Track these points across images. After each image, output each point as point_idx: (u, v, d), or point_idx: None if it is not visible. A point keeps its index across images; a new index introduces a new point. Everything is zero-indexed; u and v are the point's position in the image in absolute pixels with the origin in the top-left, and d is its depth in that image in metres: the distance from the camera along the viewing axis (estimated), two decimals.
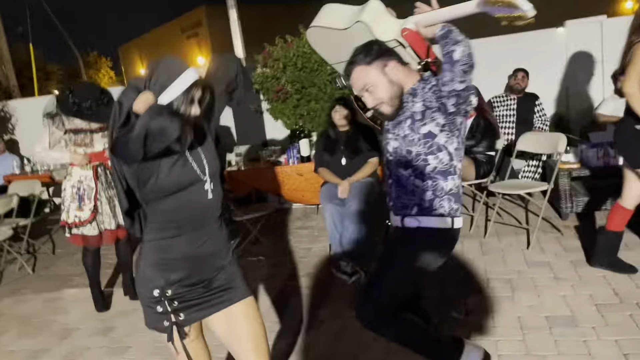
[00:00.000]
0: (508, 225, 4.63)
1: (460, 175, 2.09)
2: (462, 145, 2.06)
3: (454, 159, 2.05)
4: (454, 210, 2.07)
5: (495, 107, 5.60)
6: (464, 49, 1.84)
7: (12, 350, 3.48)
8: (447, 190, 2.05)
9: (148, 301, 1.81)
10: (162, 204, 1.77)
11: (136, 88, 1.74)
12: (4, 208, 4.96)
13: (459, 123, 2.00)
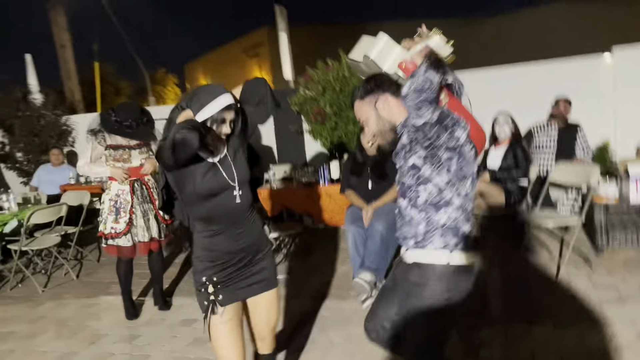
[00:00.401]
0: (539, 256, 4.50)
1: (462, 208, 1.95)
2: (459, 179, 1.95)
3: (446, 192, 1.95)
4: (450, 245, 1.96)
5: (535, 136, 5.49)
6: (411, 84, 1.84)
7: (44, 351, 3.71)
8: (440, 224, 1.95)
9: (198, 286, 2.26)
10: (200, 206, 2.20)
11: (181, 106, 2.17)
12: (53, 216, 5.30)
13: (444, 157, 1.91)
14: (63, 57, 9.66)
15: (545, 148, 5.41)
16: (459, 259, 1.96)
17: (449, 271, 1.96)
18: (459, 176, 1.93)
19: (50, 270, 5.62)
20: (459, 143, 1.89)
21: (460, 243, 1.96)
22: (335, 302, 4.01)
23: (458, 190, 1.95)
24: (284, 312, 3.89)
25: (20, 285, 5.29)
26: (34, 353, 3.69)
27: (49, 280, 5.39)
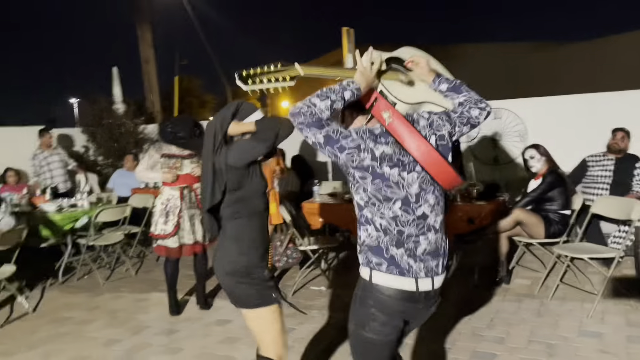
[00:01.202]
0: (580, 290, 4.38)
1: (387, 230, 1.86)
2: (380, 200, 1.86)
3: (365, 211, 1.90)
4: (372, 263, 1.90)
5: (589, 167, 5.34)
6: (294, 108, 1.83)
7: (93, 337, 4.11)
8: (361, 241, 1.95)
9: (262, 280, 2.48)
10: (257, 201, 2.53)
11: (225, 117, 2.51)
12: (119, 215, 5.80)
13: (357, 176, 1.87)
14: (147, 70, 10.47)
15: (599, 179, 5.25)
16: (382, 280, 1.89)
17: (373, 288, 1.91)
18: (379, 197, 1.86)
19: (113, 266, 6.13)
20: (364, 164, 1.83)
21: (386, 265, 1.88)
22: None
23: (380, 211, 1.87)
24: (313, 320, 4.06)
25: (86, 277, 5.82)
26: (83, 338, 4.10)
27: (111, 274, 5.89)
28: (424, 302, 1.95)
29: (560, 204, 4.48)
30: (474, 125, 1.97)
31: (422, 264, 1.90)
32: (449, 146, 1.92)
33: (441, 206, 1.97)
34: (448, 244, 2.01)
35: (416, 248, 1.89)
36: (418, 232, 1.90)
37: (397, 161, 1.86)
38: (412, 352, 3.45)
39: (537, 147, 4.68)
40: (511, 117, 6.30)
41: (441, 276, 1.98)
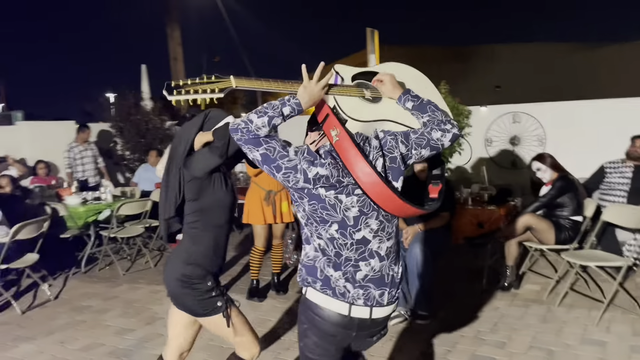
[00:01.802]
0: (589, 298, 4.34)
1: (324, 252, 1.81)
2: (317, 221, 1.80)
3: (305, 230, 1.86)
4: (307, 281, 1.85)
5: (607, 174, 5.26)
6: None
7: (108, 325, 4.28)
8: (301, 257, 1.91)
9: (209, 288, 2.45)
10: (220, 213, 2.47)
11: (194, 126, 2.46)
12: (139, 209, 5.99)
13: (296, 195, 1.81)
14: (175, 68, 10.72)
15: (617, 186, 5.17)
16: (315, 298, 1.83)
17: (307, 304, 1.86)
18: (315, 218, 1.79)
19: (134, 258, 6.34)
20: (299, 185, 1.75)
21: (320, 284, 1.82)
22: None
23: (318, 232, 1.81)
24: None
25: (107, 268, 6.03)
26: (99, 326, 4.27)
27: (132, 266, 6.09)
28: (357, 331, 1.84)
29: (571, 210, 4.44)
30: (436, 148, 1.80)
31: (361, 291, 1.80)
32: (401, 169, 1.80)
33: (389, 232, 1.84)
34: (400, 274, 1.89)
35: (355, 273, 1.80)
36: (358, 257, 1.80)
37: (335, 183, 1.75)
38: (410, 353, 3.49)
39: (542, 159, 4.63)
40: (530, 121, 6.24)
41: (386, 308, 1.85)
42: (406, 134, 1.83)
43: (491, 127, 6.50)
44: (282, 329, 4.03)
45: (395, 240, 1.89)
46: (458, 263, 5.48)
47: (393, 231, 1.87)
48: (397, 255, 1.90)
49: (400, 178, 1.80)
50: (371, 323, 1.84)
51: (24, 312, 4.65)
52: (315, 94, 1.79)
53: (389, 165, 1.79)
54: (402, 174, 1.81)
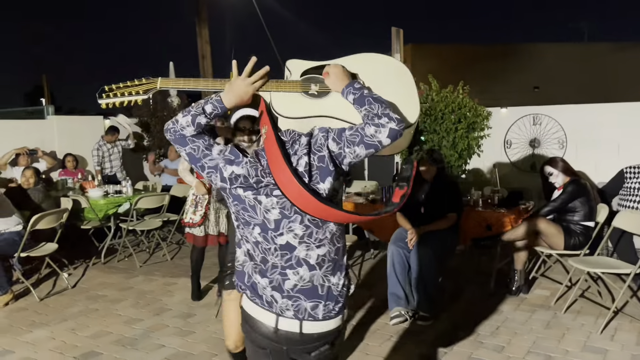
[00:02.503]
0: (598, 305, 4.25)
1: (251, 256, 1.75)
2: (243, 223, 1.74)
3: (238, 232, 1.79)
4: (238, 285, 1.80)
5: (627, 178, 5.11)
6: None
7: (119, 314, 4.43)
8: (236, 261, 1.84)
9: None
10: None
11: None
12: (157, 203, 6.15)
13: (224, 195, 1.76)
14: (203, 66, 10.91)
15: (636, 191, 5.03)
16: (246, 306, 1.77)
17: (242, 312, 1.80)
18: (241, 220, 1.73)
19: (152, 250, 6.51)
20: (218, 184, 1.72)
21: (250, 292, 1.75)
22: (364, 311, 4.21)
23: (245, 235, 1.74)
24: None
25: (125, 259, 6.21)
26: (111, 315, 4.42)
27: (149, 258, 6.26)
28: (287, 345, 1.71)
29: (582, 215, 4.35)
30: (372, 145, 1.60)
31: (289, 301, 1.68)
32: (330, 169, 1.65)
33: (319, 239, 1.68)
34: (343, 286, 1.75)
35: (283, 282, 1.69)
36: (285, 264, 1.68)
37: (254, 183, 1.67)
38: (407, 353, 3.50)
39: (554, 163, 4.54)
40: (551, 123, 6.12)
41: (322, 323, 1.70)
42: (340, 130, 1.65)
43: (511, 129, 6.40)
44: None
45: (331, 248, 1.70)
46: (467, 266, 5.44)
47: (326, 238, 1.69)
48: (336, 266, 1.73)
49: (328, 179, 1.65)
50: (301, 338, 1.69)
51: (42, 299, 4.85)
52: (241, 90, 1.71)
53: (317, 165, 1.65)
54: (331, 174, 1.65)
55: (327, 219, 1.65)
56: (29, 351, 3.75)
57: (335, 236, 1.71)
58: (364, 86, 1.71)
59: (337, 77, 1.74)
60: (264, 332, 1.72)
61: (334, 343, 1.76)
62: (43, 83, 31.50)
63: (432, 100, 6.07)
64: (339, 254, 1.74)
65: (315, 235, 1.68)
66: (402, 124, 1.60)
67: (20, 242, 4.75)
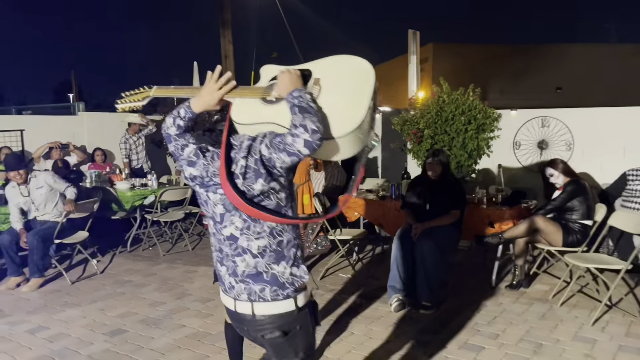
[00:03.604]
0: (595, 300, 4.46)
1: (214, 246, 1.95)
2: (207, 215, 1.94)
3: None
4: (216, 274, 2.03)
5: (629, 180, 5.29)
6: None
7: (144, 297, 4.79)
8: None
9: None
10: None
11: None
12: (180, 196, 6.52)
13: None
14: (225, 66, 11.26)
15: (638, 193, 5.21)
16: (220, 294, 2.01)
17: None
18: (205, 211, 1.95)
19: (175, 241, 6.88)
20: (189, 180, 1.92)
21: (219, 279, 1.98)
22: (365, 299, 4.49)
23: (210, 228, 1.94)
24: (336, 306, 4.49)
25: (150, 248, 6.60)
26: (136, 298, 4.78)
27: (172, 248, 6.63)
28: (246, 325, 1.92)
29: (581, 214, 4.56)
30: (293, 154, 1.69)
31: (243, 285, 1.87)
32: (261, 172, 1.76)
33: (257, 231, 1.83)
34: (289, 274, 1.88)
35: (235, 268, 1.88)
36: (233, 253, 1.87)
37: (207, 181, 1.86)
38: (406, 338, 3.77)
39: (554, 165, 4.74)
40: (559, 126, 6.31)
41: (271, 304, 1.86)
42: (273, 136, 1.75)
43: (520, 131, 6.60)
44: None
45: (272, 241, 1.85)
46: (471, 261, 5.68)
47: (264, 231, 1.83)
48: (280, 256, 1.87)
49: (259, 180, 1.77)
50: (254, 319, 1.87)
51: (73, 282, 5.25)
52: (208, 97, 1.85)
53: (253, 167, 1.77)
54: (262, 176, 1.77)
55: (254, 216, 1.80)
56: (62, 327, 4.13)
57: (275, 230, 1.84)
58: (302, 94, 1.74)
59: (284, 84, 1.81)
60: (230, 315, 1.98)
61: (287, 333, 1.88)
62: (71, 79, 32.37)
63: (443, 102, 6.30)
64: (282, 246, 1.86)
65: (253, 229, 1.83)
66: (317, 135, 1.65)
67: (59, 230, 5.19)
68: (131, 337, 3.92)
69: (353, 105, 1.79)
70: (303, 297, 1.92)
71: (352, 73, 1.87)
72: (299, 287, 1.90)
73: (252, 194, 1.79)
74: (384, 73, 35.16)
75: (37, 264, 5.04)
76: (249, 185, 1.78)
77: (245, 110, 1.90)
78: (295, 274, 1.89)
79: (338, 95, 1.82)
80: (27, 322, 4.25)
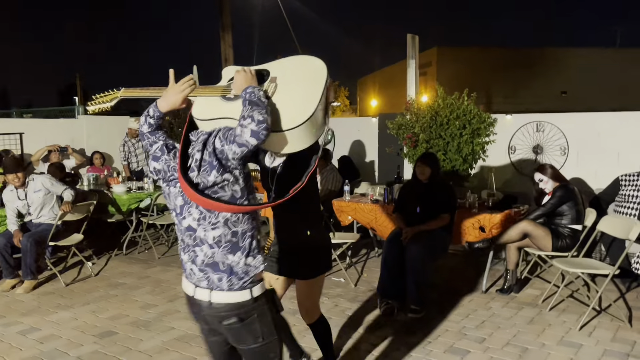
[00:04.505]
0: (585, 305, 4.45)
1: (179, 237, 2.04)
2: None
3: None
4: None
5: (622, 186, 5.29)
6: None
7: (136, 300, 4.83)
8: None
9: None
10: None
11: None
12: None
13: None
14: None
15: (630, 198, 5.20)
16: (183, 278, 2.08)
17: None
18: (168, 204, 2.03)
19: (170, 244, 6.92)
20: (153, 174, 2.02)
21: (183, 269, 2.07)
22: (359, 304, 4.51)
23: (173, 219, 2.04)
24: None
25: (146, 251, 6.64)
26: (128, 301, 4.82)
27: (168, 251, 6.67)
28: (206, 312, 1.98)
29: (570, 219, 4.56)
30: (242, 144, 1.78)
31: (202, 274, 1.95)
32: (214, 164, 1.83)
33: (212, 222, 1.90)
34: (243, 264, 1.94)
35: (196, 257, 1.96)
36: (193, 243, 1.96)
37: (169, 176, 1.95)
38: (394, 341, 3.79)
39: (543, 170, 4.75)
40: (554, 130, 6.32)
41: (227, 293, 1.93)
42: (226, 129, 1.84)
43: (515, 135, 6.61)
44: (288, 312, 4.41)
45: (227, 231, 1.91)
46: (462, 264, 5.69)
47: (219, 222, 1.89)
48: (235, 247, 1.93)
49: (213, 172, 1.83)
50: (211, 306, 1.95)
51: (67, 284, 5.30)
52: (172, 97, 1.99)
53: (207, 160, 1.84)
54: (215, 168, 1.83)
55: (205, 206, 1.87)
56: (53, 329, 4.17)
57: (229, 221, 1.90)
58: (254, 90, 1.86)
59: (239, 81, 1.95)
60: (188, 301, 2.05)
61: (243, 320, 1.96)
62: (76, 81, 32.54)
63: (438, 106, 6.32)
64: (237, 236, 1.92)
65: (208, 219, 1.89)
66: (263, 125, 1.76)
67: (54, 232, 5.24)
68: (120, 339, 3.96)
69: (305, 100, 1.93)
70: (259, 287, 2.00)
71: (307, 71, 2.02)
72: (254, 277, 1.97)
73: (206, 186, 1.85)
74: (388, 77, 35.16)
75: (30, 267, 5.09)
76: (203, 178, 1.84)
77: (205, 107, 2.02)
78: (250, 263, 1.95)
79: (292, 92, 1.96)
80: (19, 324, 4.29)
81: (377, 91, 38.63)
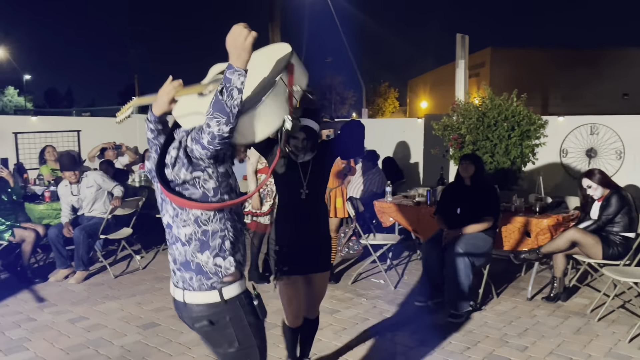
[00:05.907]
0: (636, 316, 4.24)
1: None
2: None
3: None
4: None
5: None
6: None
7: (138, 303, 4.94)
8: None
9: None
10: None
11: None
12: None
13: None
14: None
15: None
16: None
17: None
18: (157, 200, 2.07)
19: None
20: (148, 172, 2.08)
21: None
22: (403, 308, 4.46)
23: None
24: (365, 310, 4.48)
25: None
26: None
27: None
28: (183, 313, 2.00)
29: (622, 226, 4.35)
30: (204, 148, 1.77)
31: (179, 273, 1.96)
32: (184, 162, 1.84)
33: (183, 219, 1.89)
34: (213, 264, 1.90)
35: (174, 256, 1.98)
36: (171, 241, 1.98)
37: (152, 175, 2.00)
38: (431, 345, 3.73)
39: (591, 175, 4.52)
40: (609, 133, 6.05)
41: (197, 293, 1.91)
42: (197, 128, 1.81)
43: (567, 138, 6.37)
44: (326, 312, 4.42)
45: (197, 229, 1.89)
46: (506, 270, 5.51)
47: (190, 219, 1.88)
48: (205, 246, 1.90)
49: (183, 169, 1.84)
50: (185, 307, 1.95)
51: (116, 276, 5.50)
52: (159, 99, 2.00)
53: (181, 157, 1.86)
54: (185, 166, 1.85)
55: (174, 202, 1.88)
56: (100, 319, 4.34)
57: (200, 219, 1.88)
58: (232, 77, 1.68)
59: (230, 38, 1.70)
60: (173, 299, 2.04)
61: (213, 323, 1.92)
62: (134, 82, 33.72)
63: (485, 107, 6.17)
64: (206, 235, 1.89)
65: (181, 216, 1.90)
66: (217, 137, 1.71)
67: (105, 226, 5.48)
68: (162, 330, 4.08)
69: (261, 75, 1.82)
70: (232, 289, 1.92)
71: (272, 54, 1.89)
72: (224, 279, 1.92)
73: (177, 183, 1.87)
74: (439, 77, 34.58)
75: (82, 258, 5.31)
76: (176, 174, 1.86)
77: (180, 104, 2.01)
78: (219, 264, 1.91)
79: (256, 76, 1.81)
80: (69, 312, 4.49)
81: (427, 92, 38.13)
